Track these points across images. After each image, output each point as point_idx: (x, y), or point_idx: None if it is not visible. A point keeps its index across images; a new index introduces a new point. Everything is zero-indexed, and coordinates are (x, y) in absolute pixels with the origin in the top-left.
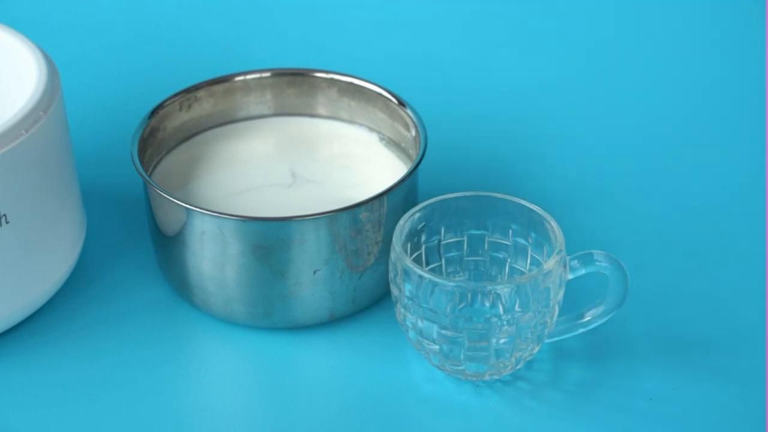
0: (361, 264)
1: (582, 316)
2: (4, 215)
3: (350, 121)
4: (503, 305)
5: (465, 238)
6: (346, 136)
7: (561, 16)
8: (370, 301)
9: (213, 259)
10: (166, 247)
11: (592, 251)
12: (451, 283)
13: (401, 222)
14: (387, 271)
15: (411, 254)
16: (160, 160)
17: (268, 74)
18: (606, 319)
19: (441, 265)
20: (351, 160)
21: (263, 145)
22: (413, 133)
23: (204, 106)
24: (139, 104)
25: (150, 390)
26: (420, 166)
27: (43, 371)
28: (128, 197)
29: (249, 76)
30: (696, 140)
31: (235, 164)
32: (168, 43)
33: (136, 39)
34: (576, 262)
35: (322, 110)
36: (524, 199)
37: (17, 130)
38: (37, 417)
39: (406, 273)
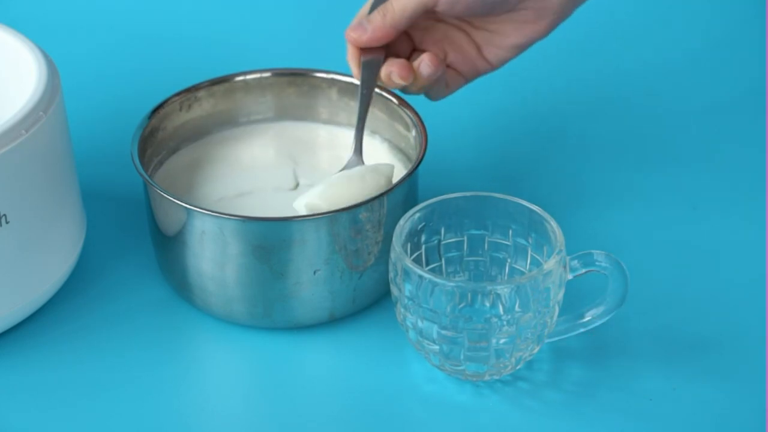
0: (361, 264)
1: (582, 316)
2: (4, 215)
3: (350, 122)
4: (503, 305)
5: (465, 238)
6: (346, 137)
7: None
8: (370, 301)
9: (213, 259)
10: (166, 247)
11: (592, 251)
12: (451, 283)
13: (401, 222)
14: (387, 271)
15: (411, 254)
16: (161, 161)
17: (268, 74)
18: (606, 319)
19: (441, 265)
20: None
21: (266, 149)
22: (413, 133)
23: (204, 106)
24: (139, 104)
25: (150, 390)
26: (420, 166)
27: (43, 371)
28: (128, 197)
29: (249, 76)
30: (696, 140)
31: (237, 168)
32: (168, 43)
33: (136, 39)
34: (576, 262)
35: (322, 111)
36: (524, 199)
37: (17, 130)
38: (37, 417)
39: (406, 273)
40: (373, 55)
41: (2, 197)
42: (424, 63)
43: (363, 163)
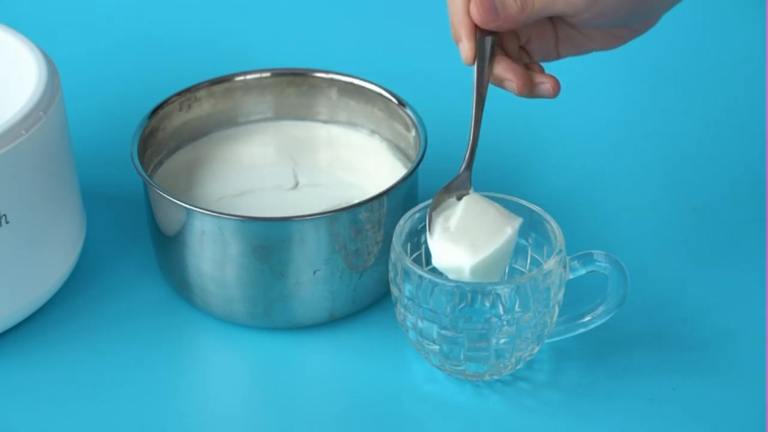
0: (361, 264)
1: (582, 316)
2: (4, 215)
3: (350, 122)
4: (503, 305)
5: None
6: (346, 137)
7: None
8: (370, 301)
9: (213, 259)
10: (166, 247)
11: (592, 251)
12: (451, 283)
13: (401, 222)
14: (387, 271)
15: (411, 254)
16: (161, 161)
17: (268, 74)
18: (606, 319)
19: None
20: (351, 161)
21: (265, 148)
22: (413, 133)
23: (204, 106)
24: (139, 104)
25: (150, 390)
26: (420, 166)
27: (43, 371)
28: (128, 197)
29: (249, 76)
30: (696, 140)
31: (237, 167)
32: (168, 43)
33: (136, 39)
34: (576, 262)
35: (322, 110)
36: (524, 199)
37: (17, 130)
38: (37, 417)
39: (406, 273)
40: (489, 35)
41: (2, 197)
42: (546, 87)
43: (470, 183)
